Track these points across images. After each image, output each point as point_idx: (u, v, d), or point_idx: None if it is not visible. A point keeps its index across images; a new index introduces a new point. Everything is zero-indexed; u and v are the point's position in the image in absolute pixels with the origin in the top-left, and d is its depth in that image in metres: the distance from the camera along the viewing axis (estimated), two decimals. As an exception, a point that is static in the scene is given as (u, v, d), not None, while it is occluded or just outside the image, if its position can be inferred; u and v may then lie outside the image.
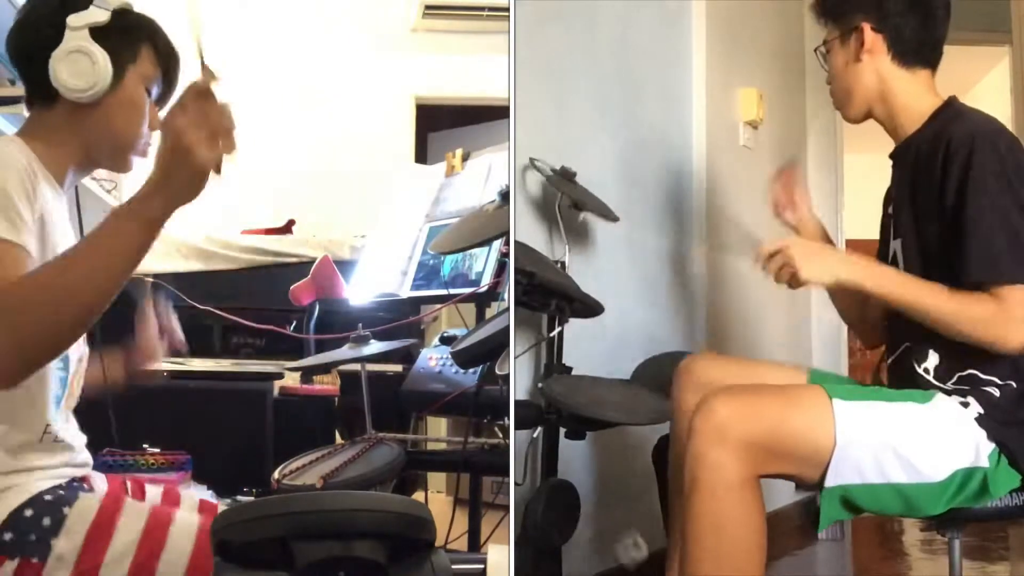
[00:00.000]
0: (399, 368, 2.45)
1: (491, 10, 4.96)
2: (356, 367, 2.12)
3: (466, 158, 2.81)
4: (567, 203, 2.19)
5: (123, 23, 1.46)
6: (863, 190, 3.83)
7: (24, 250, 1.26)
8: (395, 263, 2.73)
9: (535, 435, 2.04)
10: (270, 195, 4.59)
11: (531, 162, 2.18)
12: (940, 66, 1.80)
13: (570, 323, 2.06)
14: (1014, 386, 1.61)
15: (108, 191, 2.82)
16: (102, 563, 1.31)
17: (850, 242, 3.93)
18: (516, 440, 1.98)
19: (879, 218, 1.92)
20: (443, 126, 5.65)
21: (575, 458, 2.25)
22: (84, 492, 1.41)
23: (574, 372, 2.09)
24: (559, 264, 2.18)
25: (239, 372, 2.61)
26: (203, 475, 2.00)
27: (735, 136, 3.16)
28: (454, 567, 1.09)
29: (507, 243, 2.13)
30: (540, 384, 1.98)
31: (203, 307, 2.68)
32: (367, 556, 1.00)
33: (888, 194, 1.89)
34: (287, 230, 3.75)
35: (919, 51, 1.76)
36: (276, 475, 1.89)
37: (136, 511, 1.38)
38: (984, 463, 1.56)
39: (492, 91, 4.09)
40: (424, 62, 5.26)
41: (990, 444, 1.57)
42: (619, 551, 2.09)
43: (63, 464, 1.44)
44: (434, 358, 2.24)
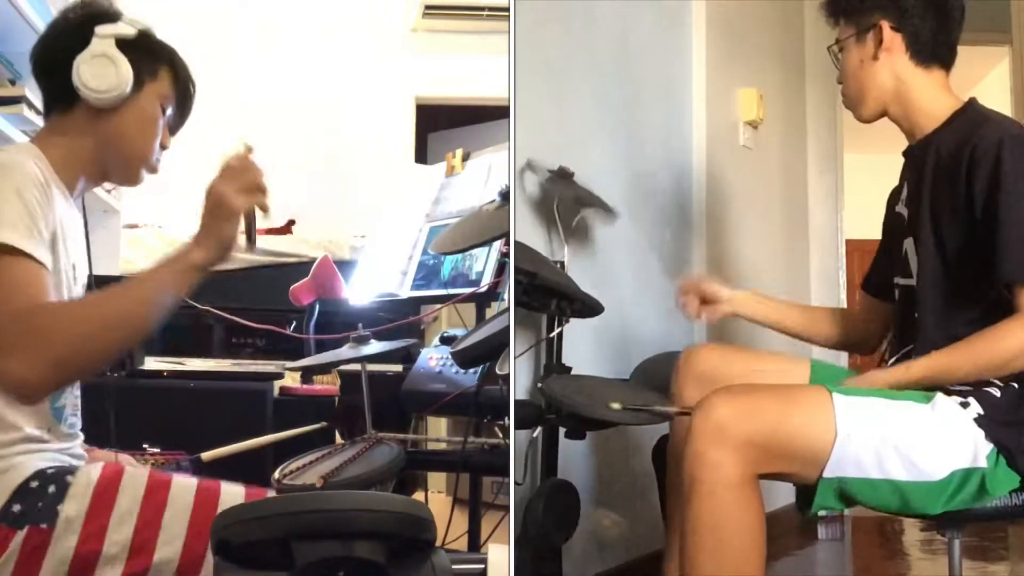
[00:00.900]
0: (399, 368, 2.45)
1: (491, 10, 4.96)
2: (356, 367, 2.12)
3: (466, 158, 2.81)
4: (567, 203, 2.19)
5: (147, 42, 1.55)
6: (863, 190, 3.84)
7: (44, 266, 1.34)
8: (395, 263, 2.72)
9: (535, 435, 2.04)
10: (270, 195, 4.58)
11: (530, 162, 2.18)
12: (944, 67, 1.80)
13: (570, 323, 2.07)
14: (1016, 387, 1.61)
15: (108, 191, 2.82)
16: (108, 524, 1.37)
17: (850, 242, 3.93)
18: (516, 440, 1.98)
19: (880, 218, 1.92)
20: (443, 126, 5.65)
21: (575, 458, 2.25)
22: (84, 464, 1.48)
23: (574, 372, 2.09)
24: (559, 264, 2.18)
25: (239, 372, 2.61)
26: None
27: (735, 136, 3.16)
28: (454, 567, 1.09)
29: (507, 243, 2.13)
30: (540, 384, 1.98)
31: (203, 307, 2.67)
32: (367, 556, 1.00)
33: (895, 193, 1.89)
34: (287, 230, 3.75)
35: (936, 50, 1.76)
36: (276, 475, 1.88)
37: (136, 475, 1.45)
38: (982, 463, 1.56)
39: (492, 91, 4.09)
40: (424, 62, 5.26)
41: (988, 444, 1.57)
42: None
43: (62, 451, 1.48)
44: (434, 358, 2.24)
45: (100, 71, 1.47)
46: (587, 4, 2.47)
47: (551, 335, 2.06)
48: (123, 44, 1.49)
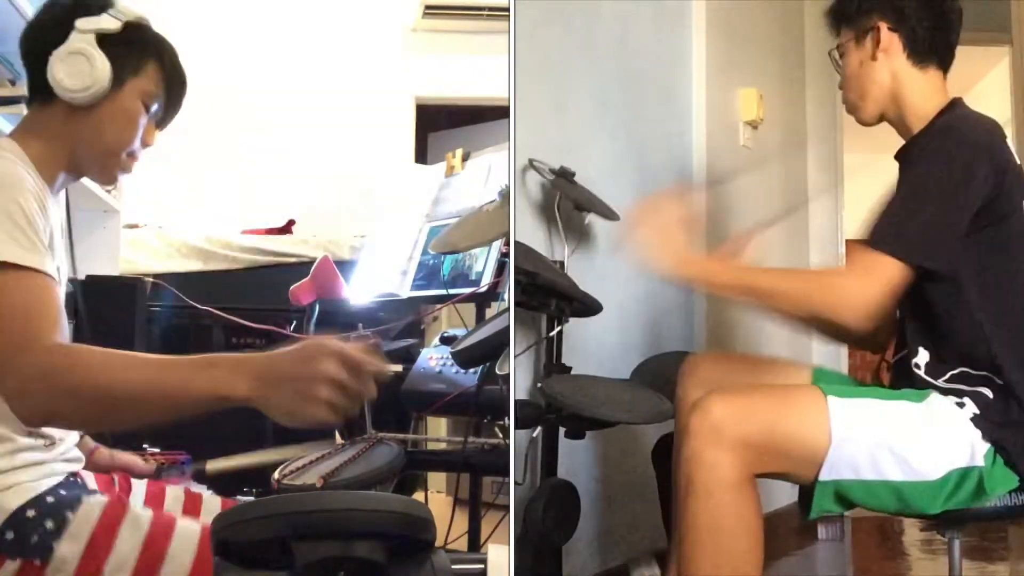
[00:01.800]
0: (399, 368, 2.45)
1: (491, 10, 4.96)
2: (356, 367, 2.12)
3: (466, 158, 2.81)
4: (567, 203, 2.19)
5: (133, 36, 1.47)
6: (863, 190, 3.84)
7: (54, 280, 1.30)
8: (395, 263, 2.72)
9: (535, 435, 2.04)
10: (270, 195, 4.59)
11: (530, 162, 2.18)
12: (942, 67, 1.80)
13: (570, 323, 2.07)
14: (1004, 385, 1.61)
15: (108, 191, 2.82)
16: (103, 571, 1.32)
17: (850, 242, 3.93)
18: (516, 440, 1.99)
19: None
20: (443, 126, 5.65)
21: (575, 458, 2.25)
22: (86, 495, 1.41)
23: (573, 372, 2.09)
24: (559, 264, 2.18)
25: (239, 372, 2.60)
26: (203, 475, 2.00)
27: (735, 136, 3.16)
28: (454, 567, 1.09)
29: (507, 243, 2.13)
30: (540, 384, 1.98)
31: (203, 307, 2.68)
32: (367, 556, 0.99)
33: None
34: (287, 230, 3.75)
35: (933, 51, 1.77)
36: (276, 475, 1.88)
37: (138, 520, 1.39)
38: (980, 463, 1.57)
39: (492, 91, 4.09)
40: (424, 62, 5.26)
41: (985, 444, 1.57)
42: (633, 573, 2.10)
43: (57, 459, 1.44)
44: (434, 358, 2.24)
45: (75, 69, 1.40)
46: (587, 4, 2.47)
47: (551, 335, 2.06)
48: (106, 39, 1.42)
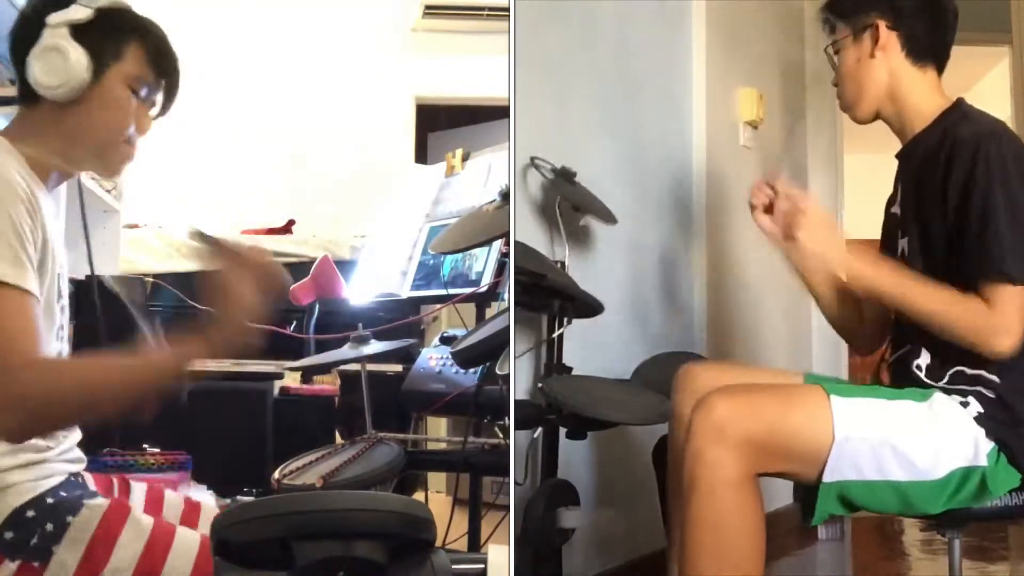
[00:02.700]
0: (399, 368, 2.45)
1: (491, 10, 4.96)
2: (356, 367, 2.12)
3: (466, 158, 2.81)
4: (567, 203, 2.19)
5: (108, 21, 1.43)
6: (863, 190, 3.84)
7: (35, 298, 1.30)
8: (395, 263, 2.73)
9: (535, 435, 2.04)
10: (270, 195, 4.59)
11: (531, 162, 2.18)
12: (940, 66, 1.81)
13: (570, 323, 2.06)
14: (1006, 384, 1.61)
15: (108, 191, 2.82)
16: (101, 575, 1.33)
17: (850, 242, 3.92)
18: (516, 440, 1.99)
19: (880, 218, 1.92)
20: (443, 126, 5.65)
21: (575, 458, 2.25)
22: (87, 498, 1.41)
23: (574, 372, 2.09)
24: (559, 264, 2.18)
25: (239, 372, 2.61)
26: (203, 475, 2.01)
27: (735, 136, 3.16)
28: (454, 567, 1.09)
29: (507, 243, 2.13)
30: (540, 384, 1.98)
31: (203, 307, 2.67)
32: (367, 556, 1.00)
33: (892, 195, 1.89)
34: (287, 230, 3.75)
35: (931, 50, 1.78)
36: (276, 475, 1.89)
37: (138, 527, 1.39)
38: (983, 462, 1.56)
39: (492, 91, 4.09)
40: (424, 62, 5.26)
41: (989, 443, 1.57)
42: None
43: (58, 457, 1.44)
44: (434, 358, 2.24)
45: (49, 65, 1.38)
46: (587, 4, 2.47)
47: (552, 335, 2.05)
48: (80, 29, 1.39)
